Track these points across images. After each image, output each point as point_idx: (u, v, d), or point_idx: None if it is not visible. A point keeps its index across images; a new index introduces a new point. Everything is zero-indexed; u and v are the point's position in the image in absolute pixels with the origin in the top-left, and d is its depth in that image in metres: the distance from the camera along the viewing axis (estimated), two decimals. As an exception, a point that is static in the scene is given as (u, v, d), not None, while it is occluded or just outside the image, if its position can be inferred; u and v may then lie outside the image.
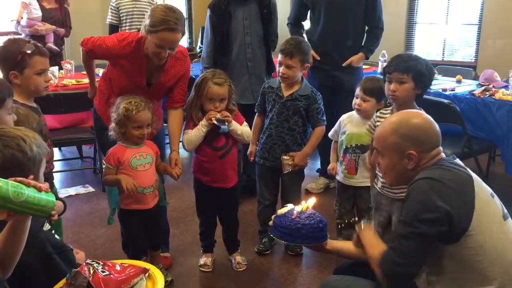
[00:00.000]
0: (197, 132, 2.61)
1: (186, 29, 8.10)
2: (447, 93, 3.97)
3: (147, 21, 2.39)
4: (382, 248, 1.68)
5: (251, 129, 2.84)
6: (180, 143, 2.71)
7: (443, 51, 6.61)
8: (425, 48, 6.70)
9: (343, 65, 3.77)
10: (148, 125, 2.47)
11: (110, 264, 1.41)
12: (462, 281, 1.60)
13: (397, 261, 1.59)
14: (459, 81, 4.45)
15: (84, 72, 4.54)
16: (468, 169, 1.69)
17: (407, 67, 2.32)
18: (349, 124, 2.93)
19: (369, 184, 2.66)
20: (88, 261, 1.38)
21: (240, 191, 3.59)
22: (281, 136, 2.91)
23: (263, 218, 3.02)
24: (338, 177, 2.99)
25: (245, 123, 2.76)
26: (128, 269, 1.42)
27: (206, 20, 3.61)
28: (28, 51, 2.13)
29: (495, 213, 1.62)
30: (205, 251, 2.93)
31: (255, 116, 3.04)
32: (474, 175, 1.66)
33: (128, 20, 4.61)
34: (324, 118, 2.93)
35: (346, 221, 2.99)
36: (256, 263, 2.96)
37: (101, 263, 1.38)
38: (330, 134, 3.07)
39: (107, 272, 1.36)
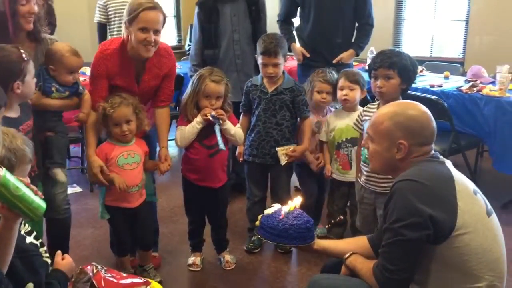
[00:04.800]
0: (191, 129, 2.61)
1: (174, 26, 8.14)
2: (434, 89, 3.99)
3: (125, 16, 2.41)
4: (373, 263, 1.67)
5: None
6: (172, 141, 2.71)
7: (431, 47, 6.63)
8: (413, 44, 6.71)
9: (333, 62, 3.75)
10: (128, 122, 2.47)
11: (115, 271, 1.41)
12: (450, 282, 1.59)
13: (389, 268, 1.58)
14: (447, 77, 4.47)
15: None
16: (450, 166, 1.69)
17: (392, 63, 2.35)
18: (336, 121, 2.97)
19: None
20: (94, 263, 1.37)
21: (230, 190, 3.59)
22: (269, 132, 2.91)
23: (252, 215, 3.01)
24: (334, 175, 2.99)
25: (238, 125, 2.76)
26: (131, 279, 1.43)
27: (195, 17, 3.59)
28: (27, 58, 2.08)
29: (479, 210, 1.61)
30: (193, 250, 2.92)
31: (241, 116, 3.03)
32: (455, 173, 1.66)
33: (117, 19, 4.52)
34: (309, 109, 2.97)
35: (335, 220, 3.00)
36: (246, 262, 2.96)
37: (106, 268, 1.39)
38: (320, 136, 3.07)
39: (110, 275, 1.36)
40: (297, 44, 3.91)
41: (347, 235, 2.99)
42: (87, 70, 4.30)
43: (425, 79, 4.40)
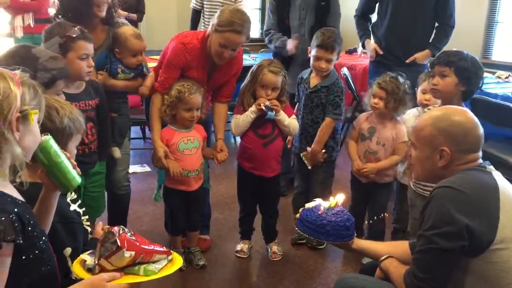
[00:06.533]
0: (245, 118, 2.66)
1: (259, 19, 8.24)
2: (516, 97, 3.73)
3: (215, 20, 2.48)
4: (406, 268, 1.62)
5: None
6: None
7: (526, 53, 6.14)
8: (506, 49, 6.26)
9: (407, 61, 3.62)
10: (198, 109, 2.56)
11: (141, 238, 1.47)
12: (484, 298, 1.51)
13: (419, 276, 1.53)
14: (534, 86, 4.16)
15: (153, 57, 4.72)
16: (497, 177, 1.58)
17: (448, 61, 2.28)
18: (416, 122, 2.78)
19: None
20: (122, 226, 1.43)
21: (289, 182, 3.61)
22: (305, 128, 2.90)
23: (295, 205, 3.01)
24: (401, 179, 2.85)
25: (293, 116, 2.76)
26: (154, 246, 1.47)
27: (267, 7, 3.67)
28: (73, 35, 2.16)
29: (522, 226, 1.50)
30: (242, 237, 2.97)
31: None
32: (502, 184, 1.55)
33: (208, 8, 4.55)
34: (338, 112, 2.82)
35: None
36: (292, 254, 2.96)
37: (132, 233, 1.44)
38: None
39: (134, 239, 1.42)
40: (371, 41, 3.82)
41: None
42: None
43: (509, 86, 4.13)
